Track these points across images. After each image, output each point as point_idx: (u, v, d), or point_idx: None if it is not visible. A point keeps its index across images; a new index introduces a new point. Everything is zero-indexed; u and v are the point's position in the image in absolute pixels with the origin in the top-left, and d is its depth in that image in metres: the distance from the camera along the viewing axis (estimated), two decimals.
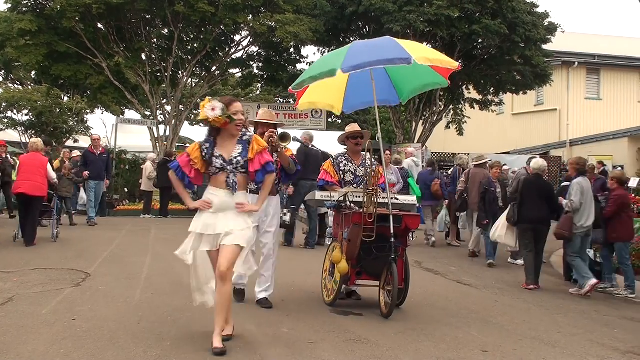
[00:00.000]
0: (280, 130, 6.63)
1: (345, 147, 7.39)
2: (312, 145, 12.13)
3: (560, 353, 5.46)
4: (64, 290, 7.00)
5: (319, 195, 6.97)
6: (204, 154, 5.01)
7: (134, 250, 10.44)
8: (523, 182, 9.52)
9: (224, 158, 4.98)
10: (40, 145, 11.25)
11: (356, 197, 6.65)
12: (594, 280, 8.49)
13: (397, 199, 6.96)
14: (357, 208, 6.52)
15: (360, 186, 6.90)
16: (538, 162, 9.60)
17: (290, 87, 7.08)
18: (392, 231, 6.27)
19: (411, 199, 7.31)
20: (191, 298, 5.19)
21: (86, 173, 14.59)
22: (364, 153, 7.09)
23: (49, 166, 11.17)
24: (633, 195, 14.05)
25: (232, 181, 4.96)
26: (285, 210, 13.37)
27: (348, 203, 6.62)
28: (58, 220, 13.27)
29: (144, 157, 20.25)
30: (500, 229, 9.82)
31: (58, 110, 25.09)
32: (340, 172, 7.17)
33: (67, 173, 14.07)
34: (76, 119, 26.93)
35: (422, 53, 6.57)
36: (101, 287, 7.29)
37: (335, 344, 5.27)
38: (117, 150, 21.05)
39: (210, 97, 5.21)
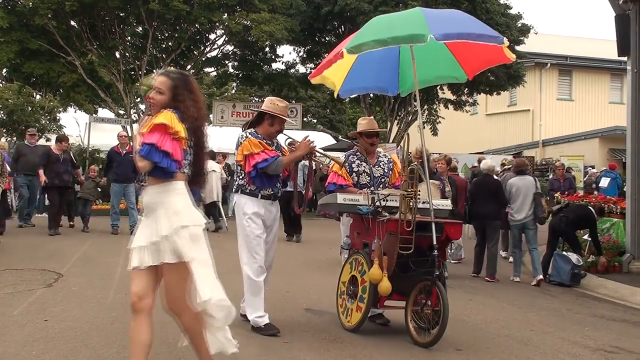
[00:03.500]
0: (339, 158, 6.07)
1: (355, 142, 6.40)
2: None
3: (533, 351, 5.53)
4: (35, 291, 6.91)
5: (341, 198, 5.74)
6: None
7: (107, 251, 10.33)
8: (473, 183, 10.30)
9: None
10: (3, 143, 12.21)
11: (386, 200, 5.63)
12: (517, 279, 9.46)
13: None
14: (388, 214, 5.52)
15: (379, 187, 6.00)
16: (487, 163, 10.25)
17: (343, 49, 5.62)
18: (434, 242, 5.32)
19: (447, 204, 6.10)
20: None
21: (104, 180, 13.91)
22: (379, 150, 6.37)
23: None
24: (603, 195, 14.25)
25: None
26: None
27: (380, 208, 5.56)
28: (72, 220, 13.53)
29: None
30: None
31: (30, 109, 24.81)
32: (353, 174, 6.10)
33: (92, 175, 14.08)
34: (48, 117, 26.63)
35: None
36: (74, 288, 7.21)
37: (310, 343, 5.27)
38: (90, 149, 20.85)
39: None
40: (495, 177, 10.38)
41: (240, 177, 5.64)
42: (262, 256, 5.52)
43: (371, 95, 22.24)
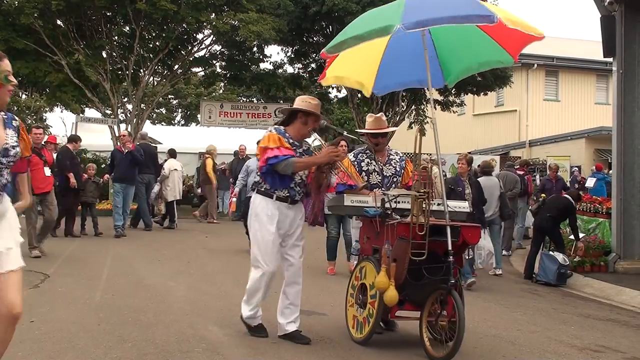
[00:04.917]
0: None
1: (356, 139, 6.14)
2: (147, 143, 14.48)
3: (520, 350, 5.56)
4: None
5: (348, 200, 5.41)
6: None
7: (94, 251, 10.29)
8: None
9: None
10: None
11: (398, 202, 5.24)
12: (498, 272, 10.00)
13: (448, 206, 5.25)
14: (399, 217, 5.13)
15: (391, 188, 5.65)
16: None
17: (323, 50, 5.49)
18: (449, 247, 4.88)
19: (464, 206, 5.74)
20: (153, 299, 5.10)
21: (106, 176, 13.98)
22: (389, 147, 6.10)
23: None
24: (589, 194, 14.35)
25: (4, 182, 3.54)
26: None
27: (390, 210, 5.17)
28: (83, 229, 12.76)
29: (104, 156, 20.00)
30: None
31: (15, 109, 24.56)
32: (363, 173, 5.80)
33: (90, 174, 13.19)
34: (34, 117, 26.44)
35: (502, 13, 5.00)
36: (60, 289, 7.17)
37: (298, 344, 5.27)
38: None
39: None
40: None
41: (258, 174, 5.45)
42: (270, 260, 5.29)
43: (359, 95, 22.25)
